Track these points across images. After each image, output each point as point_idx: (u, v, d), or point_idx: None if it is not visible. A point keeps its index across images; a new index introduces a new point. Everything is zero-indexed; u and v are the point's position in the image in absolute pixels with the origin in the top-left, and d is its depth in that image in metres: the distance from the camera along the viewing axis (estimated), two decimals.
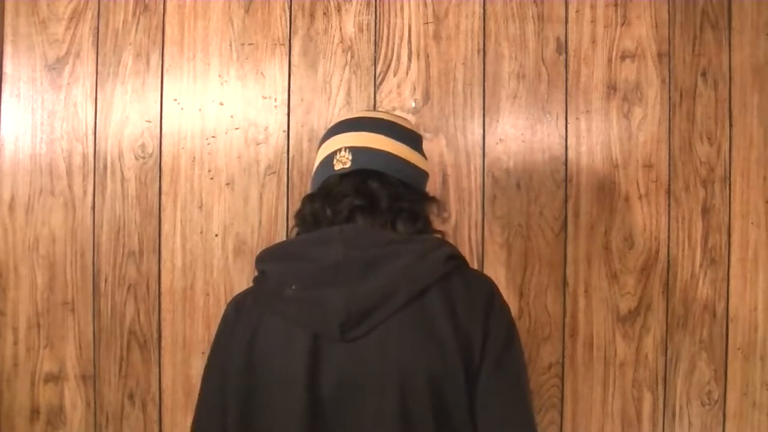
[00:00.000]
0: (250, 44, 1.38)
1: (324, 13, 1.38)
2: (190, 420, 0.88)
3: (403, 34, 1.38)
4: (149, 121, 1.38)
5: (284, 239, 1.34)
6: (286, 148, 1.38)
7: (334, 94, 1.38)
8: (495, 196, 1.38)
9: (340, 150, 0.90)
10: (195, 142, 1.38)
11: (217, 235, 1.38)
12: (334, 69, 1.38)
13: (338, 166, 0.89)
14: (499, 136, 1.38)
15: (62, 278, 1.37)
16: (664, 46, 1.39)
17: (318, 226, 0.88)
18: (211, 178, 1.38)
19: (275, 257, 0.88)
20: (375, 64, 1.38)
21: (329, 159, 0.91)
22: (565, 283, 1.38)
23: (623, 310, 1.38)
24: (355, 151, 0.89)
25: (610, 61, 1.39)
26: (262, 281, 0.87)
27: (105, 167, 1.38)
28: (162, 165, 1.38)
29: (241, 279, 1.36)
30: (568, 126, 1.38)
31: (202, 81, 1.39)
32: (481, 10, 1.39)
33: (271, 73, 1.39)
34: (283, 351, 0.81)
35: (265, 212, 1.38)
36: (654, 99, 1.39)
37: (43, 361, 1.37)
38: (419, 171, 0.94)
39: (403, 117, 1.17)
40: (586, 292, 1.38)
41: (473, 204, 1.38)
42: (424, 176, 0.95)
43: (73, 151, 1.38)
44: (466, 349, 0.78)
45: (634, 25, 1.39)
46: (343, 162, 0.89)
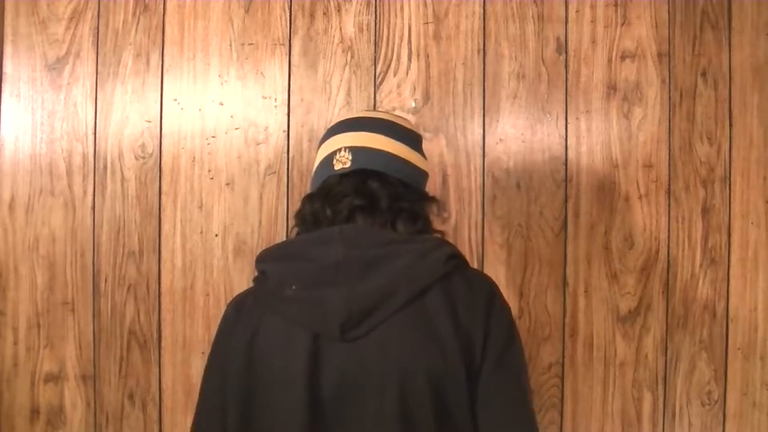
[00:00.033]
0: (250, 44, 1.38)
1: (324, 13, 1.39)
2: (190, 420, 0.88)
3: (403, 34, 1.38)
4: (149, 121, 1.38)
5: (284, 239, 1.34)
6: (286, 148, 1.38)
7: (334, 94, 1.38)
8: (495, 196, 1.38)
9: (339, 150, 0.90)
10: (195, 142, 1.38)
11: (217, 235, 1.38)
12: (334, 69, 1.38)
13: (338, 166, 0.89)
14: (499, 136, 1.38)
15: (62, 278, 1.37)
16: (664, 46, 1.39)
17: (318, 226, 0.88)
18: (211, 178, 1.38)
19: (275, 257, 0.88)
20: (375, 64, 1.38)
21: (329, 159, 0.91)
22: (565, 283, 1.38)
23: (623, 310, 1.38)
24: (354, 151, 0.89)
25: (610, 61, 1.39)
26: (262, 281, 0.87)
27: (105, 167, 1.38)
28: (162, 165, 1.38)
29: (241, 279, 1.36)
30: (568, 126, 1.38)
31: (202, 81, 1.39)
32: (481, 10, 1.39)
33: (271, 73, 1.39)
34: (283, 351, 0.81)
35: (265, 212, 1.38)
36: (654, 99, 1.39)
37: (43, 361, 1.37)
38: (419, 171, 0.94)
39: (403, 117, 1.17)
40: (586, 292, 1.38)
41: (473, 204, 1.38)
42: (423, 176, 0.95)
43: (73, 151, 1.38)
44: (467, 349, 0.78)
45: (634, 25, 1.39)
46: (343, 162, 0.89)
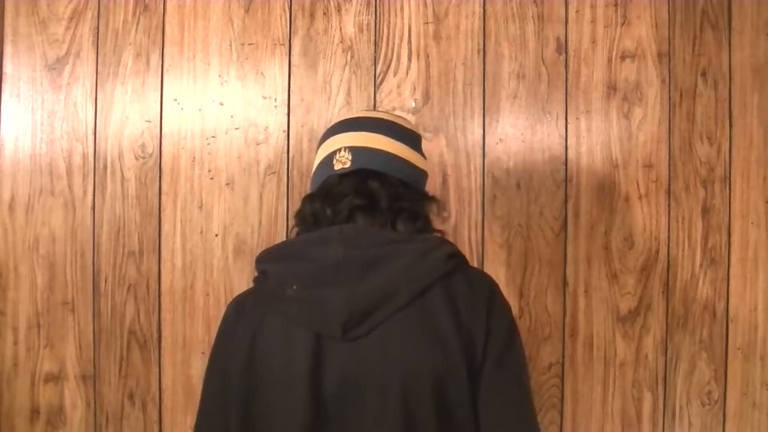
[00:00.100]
0: (250, 44, 1.38)
1: (324, 13, 1.39)
2: (190, 420, 0.88)
3: (403, 34, 1.38)
4: (149, 121, 1.38)
5: (284, 239, 1.34)
6: (286, 148, 1.38)
7: (334, 94, 1.38)
8: (495, 196, 1.38)
9: (339, 150, 0.90)
10: (195, 142, 1.38)
11: (217, 235, 1.38)
12: (334, 69, 1.38)
13: (338, 166, 0.89)
14: (499, 136, 1.38)
15: (62, 278, 1.37)
16: (664, 46, 1.39)
17: (318, 226, 0.88)
18: (211, 178, 1.38)
19: (275, 257, 0.88)
20: (375, 64, 1.38)
21: (329, 159, 0.91)
22: (565, 283, 1.38)
23: (623, 310, 1.38)
24: (354, 150, 0.89)
25: (610, 61, 1.39)
26: (263, 281, 0.87)
27: (105, 167, 1.38)
28: (162, 165, 1.38)
29: (241, 279, 1.36)
30: (568, 126, 1.38)
31: (202, 81, 1.39)
32: (481, 10, 1.39)
33: (271, 73, 1.39)
34: (284, 351, 0.81)
35: (265, 212, 1.38)
36: (654, 99, 1.39)
37: (43, 361, 1.37)
38: (419, 170, 0.94)
39: (403, 117, 1.17)
40: (586, 292, 1.38)
41: (473, 204, 1.38)
42: (423, 176, 0.95)
43: (73, 151, 1.38)
44: (469, 347, 0.78)
45: (634, 25, 1.39)
46: (342, 162, 0.89)
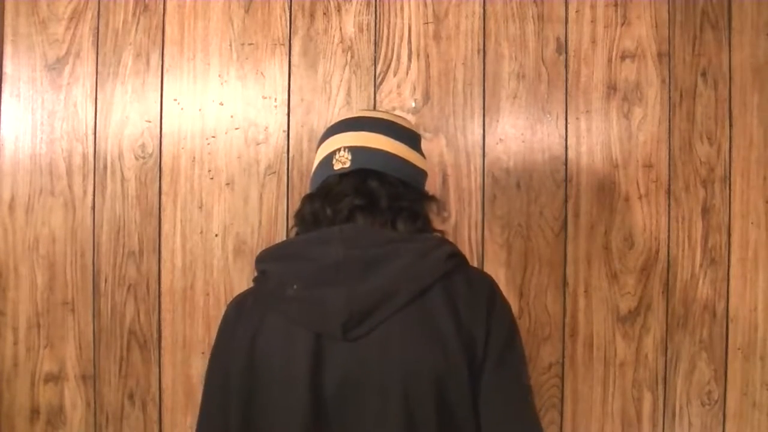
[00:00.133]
0: (250, 44, 1.38)
1: (324, 13, 1.39)
2: (190, 420, 0.88)
3: (403, 34, 1.38)
4: (149, 121, 1.38)
5: (284, 239, 1.34)
6: (286, 148, 1.38)
7: (334, 94, 1.38)
8: (495, 196, 1.38)
9: (339, 150, 0.90)
10: (195, 142, 1.38)
11: (217, 235, 1.38)
12: (334, 69, 1.38)
13: (338, 166, 0.89)
14: (499, 136, 1.38)
15: (62, 278, 1.37)
16: (664, 46, 1.39)
17: (318, 226, 0.88)
18: (211, 178, 1.38)
19: (275, 257, 0.88)
20: (375, 64, 1.38)
21: (328, 159, 0.91)
22: (565, 283, 1.38)
23: (623, 310, 1.38)
24: (354, 150, 0.89)
25: (610, 61, 1.39)
26: (262, 281, 0.87)
27: (105, 167, 1.38)
28: (162, 165, 1.38)
29: (241, 279, 1.36)
30: (568, 126, 1.38)
31: (202, 81, 1.39)
32: (481, 10, 1.39)
33: (271, 73, 1.39)
34: (284, 351, 0.81)
35: (265, 212, 1.38)
36: (654, 99, 1.39)
37: (43, 361, 1.37)
38: (418, 170, 0.94)
39: (402, 116, 1.17)
40: (586, 292, 1.38)
41: (473, 204, 1.38)
42: (423, 175, 0.95)
43: (73, 151, 1.38)
44: (469, 347, 0.78)
45: (634, 25, 1.39)
46: (342, 162, 0.89)
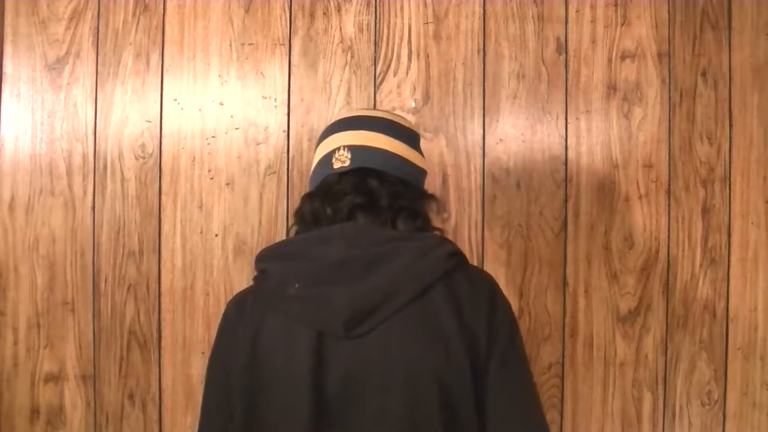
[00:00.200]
0: (250, 44, 1.39)
1: (324, 13, 1.39)
2: (190, 420, 0.88)
3: (403, 34, 1.38)
4: (149, 121, 1.38)
5: (284, 238, 1.34)
6: (286, 148, 1.38)
7: (334, 94, 1.38)
8: (495, 196, 1.38)
9: (338, 148, 0.90)
10: (195, 142, 1.38)
11: (217, 235, 1.38)
12: (334, 69, 1.39)
13: (337, 165, 0.89)
14: (499, 136, 1.38)
15: (62, 278, 1.37)
16: (664, 46, 1.39)
17: (318, 225, 0.88)
18: (211, 178, 1.38)
19: (275, 256, 0.88)
20: (375, 64, 1.38)
21: (328, 157, 0.91)
22: (565, 283, 1.38)
23: (623, 310, 1.38)
24: (353, 149, 0.89)
25: (610, 61, 1.39)
26: (263, 280, 0.87)
27: (105, 167, 1.38)
28: (162, 165, 1.38)
29: (241, 279, 1.36)
30: (568, 126, 1.38)
31: (202, 81, 1.39)
32: (481, 10, 1.39)
33: (271, 73, 1.39)
34: (286, 349, 0.80)
35: (265, 212, 1.38)
36: (654, 99, 1.39)
37: (43, 361, 1.37)
38: (418, 169, 0.94)
39: (401, 116, 1.17)
40: (586, 292, 1.38)
41: (473, 204, 1.38)
42: (422, 174, 0.95)
43: (73, 151, 1.38)
44: (472, 346, 0.78)
45: (634, 25, 1.39)
46: (342, 160, 0.89)
